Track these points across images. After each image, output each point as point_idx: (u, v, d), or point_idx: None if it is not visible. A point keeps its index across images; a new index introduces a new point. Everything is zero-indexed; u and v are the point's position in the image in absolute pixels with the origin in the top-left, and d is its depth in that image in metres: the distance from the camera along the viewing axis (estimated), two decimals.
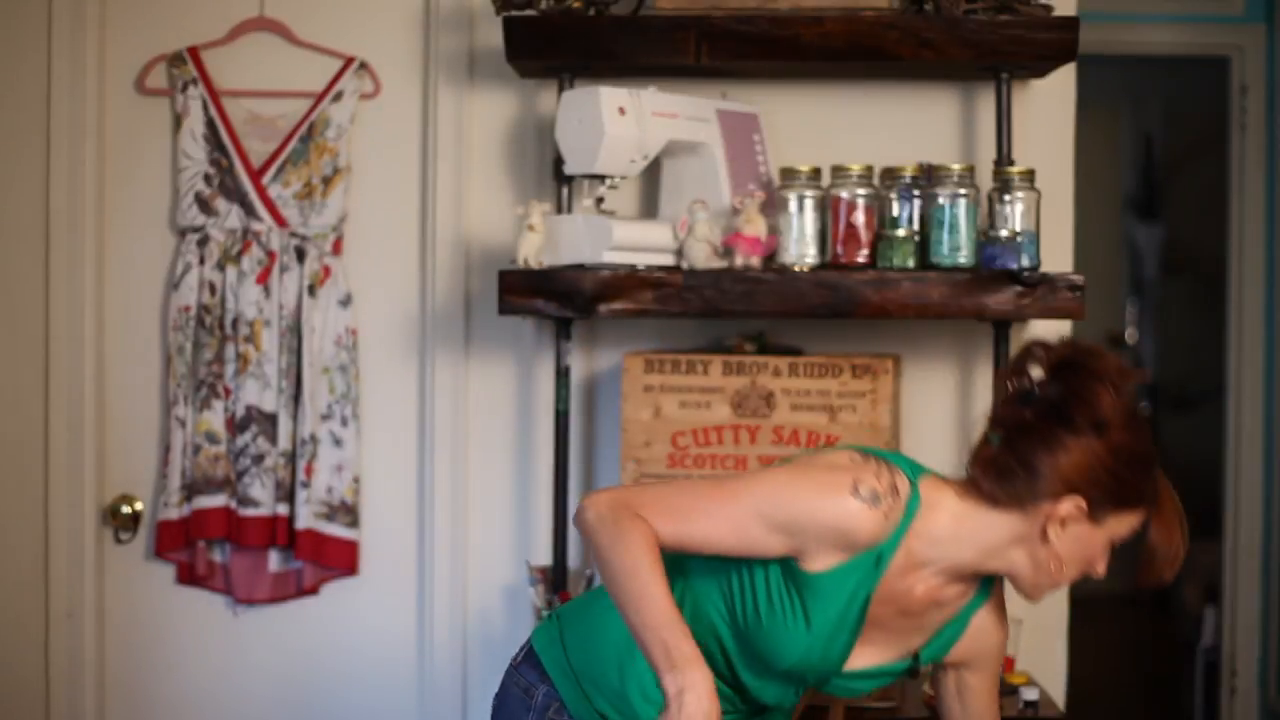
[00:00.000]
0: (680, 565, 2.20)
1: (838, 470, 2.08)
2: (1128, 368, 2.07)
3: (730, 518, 2.07)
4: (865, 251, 2.95)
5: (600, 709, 2.20)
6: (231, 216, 3.23)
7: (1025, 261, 2.88)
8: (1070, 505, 2.05)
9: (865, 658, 2.18)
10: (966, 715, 2.29)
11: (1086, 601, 4.04)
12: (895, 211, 2.94)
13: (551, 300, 2.90)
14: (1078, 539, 2.07)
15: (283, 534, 3.25)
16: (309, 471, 3.23)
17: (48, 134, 3.25)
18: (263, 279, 3.23)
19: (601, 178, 2.91)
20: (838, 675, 2.19)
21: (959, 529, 2.10)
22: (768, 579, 2.12)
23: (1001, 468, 2.07)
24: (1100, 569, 2.13)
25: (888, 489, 2.06)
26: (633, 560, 2.03)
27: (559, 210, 3.08)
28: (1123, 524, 2.09)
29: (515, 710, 2.27)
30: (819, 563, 2.08)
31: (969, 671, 2.26)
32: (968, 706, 2.28)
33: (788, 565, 2.10)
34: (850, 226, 2.94)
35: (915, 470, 2.13)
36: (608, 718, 2.20)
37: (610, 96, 2.83)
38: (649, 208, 3.21)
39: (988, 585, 2.22)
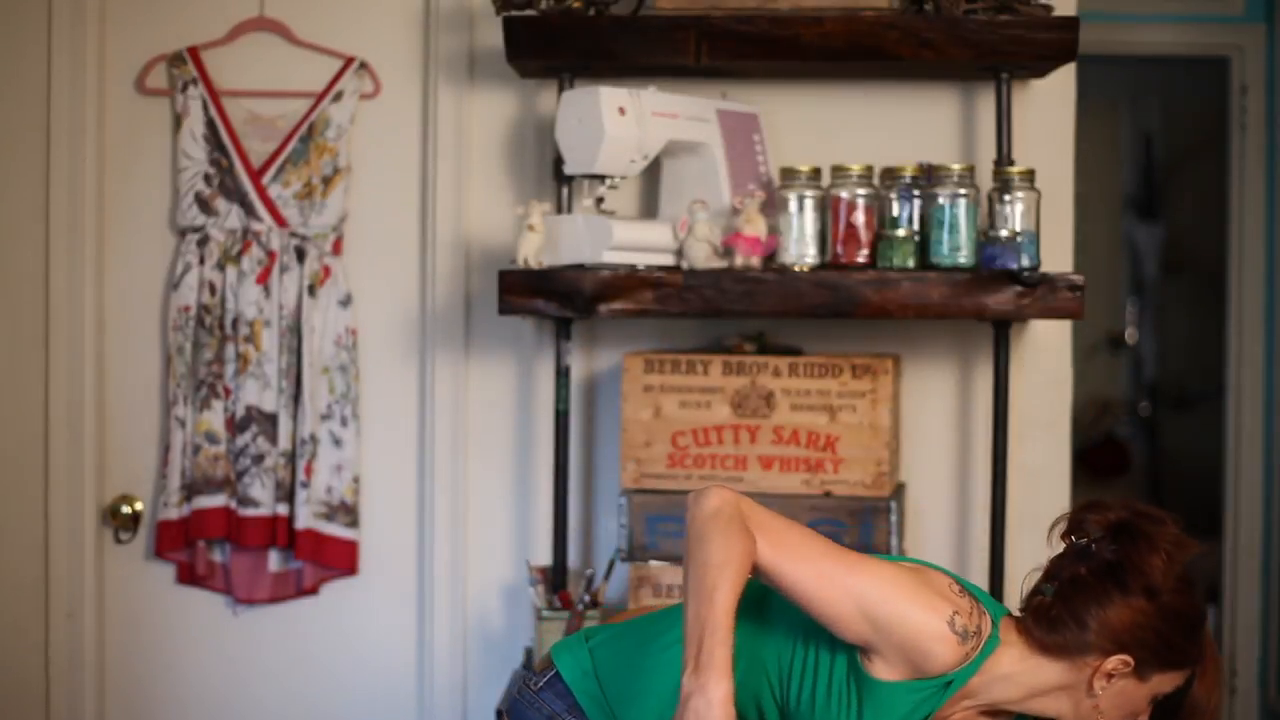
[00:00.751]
0: (757, 608, 2.19)
1: (943, 598, 2.10)
2: (1184, 538, 2.14)
3: (832, 579, 2.07)
4: (865, 251, 2.95)
5: None
6: (231, 216, 3.23)
7: (1025, 261, 2.88)
8: (1117, 662, 2.11)
9: None
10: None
11: None
12: (895, 211, 2.94)
13: (551, 300, 2.90)
14: (1122, 693, 2.13)
15: (283, 534, 3.25)
16: (309, 471, 3.23)
17: (48, 134, 3.25)
18: (263, 279, 3.23)
19: (601, 178, 2.91)
20: None
21: (1013, 672, 2.14)
22: (832, 669, 2.13)
23: (1053, 619, 2.12)
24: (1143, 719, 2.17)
25: (975, 628, 2.10)
26: (725, 558, 2.02)
27: (559, 210, 3.08)
28: (1167, 681, 2.14)
29: None
30: (885, 671, 2.10)
31: None
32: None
33: (854, 661, 2.11)
34: (850, 226, 2.94)
35: (998, 612, 2.18)
36: None
37: (610, 96, 2.83)
38: (649, 208, 3.21)
39: None
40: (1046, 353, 3.24)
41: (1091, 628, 2.09)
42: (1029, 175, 2.93)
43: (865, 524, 2.94)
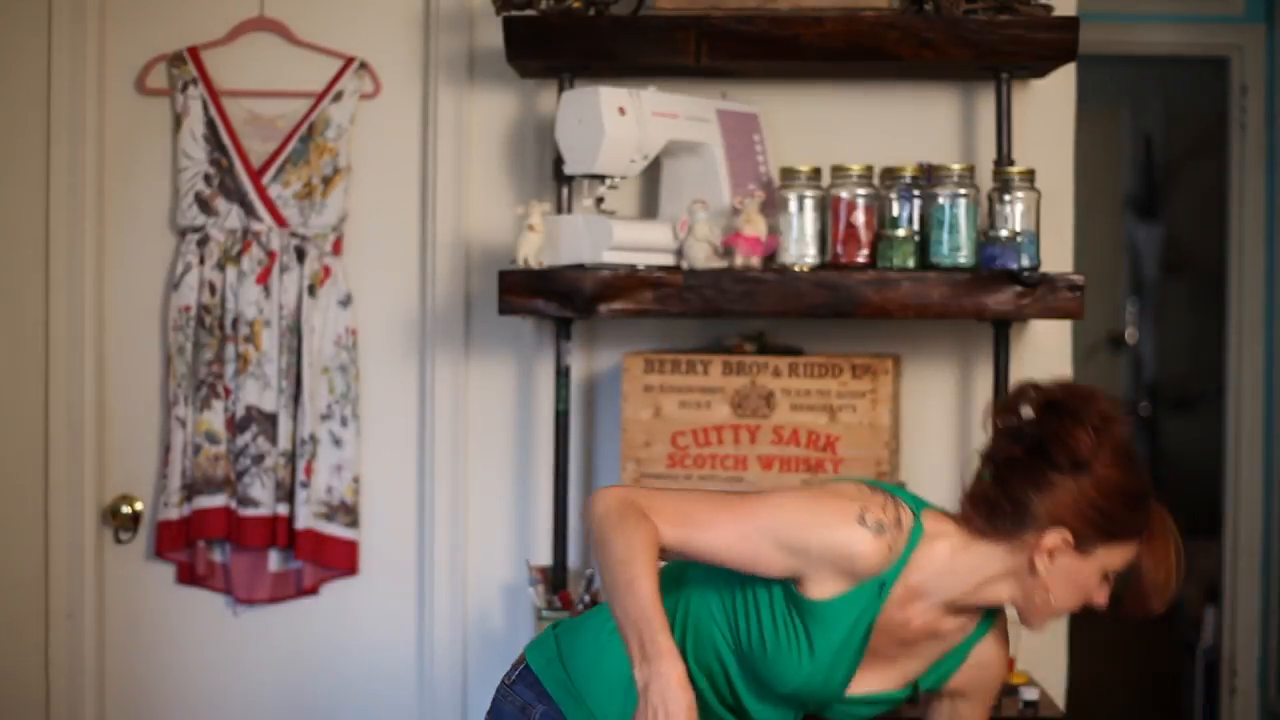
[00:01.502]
0: (681, 581, 2.21)
1: (846, 499, 2.11)
2: (1112, 412, 2.11)
3: (739, 531, 2.10)
4: (865, 251, 2.95)
5: None
6: (231, 216, 3.23)
7: (1025, 261, 2.88)
8: (1056, 538, 2.09)
9: (865, 684, 2.19)
10: None
11: None
12: (895, 211, 2.94)
13: (551, 300, 2.90)
14: (1068, 571, 2.11)
15: (283, 534, 3.25)
16: (309, 471, 3.23)
17: (48, 134, 3.25)
18: (263, 279, 3.23)
19: (601, 178, 2.91)
20: (839, 701, 2.19)
21: (955, 562, 2.13)
22: (772, 604, 2.14)
23: (991, 502, 2.12)
24: (1099, 599, 2.15)
25: (892, 521, 2.10)
26: (629, 552, 2.05)
27: (559, 210, 3.08)
28: (1114, 556, 2.12)
29: None
30: (821, 589, 2.11)
31: (963, 701, 2.27)
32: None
33: (789, 590, 2.12)
34: (850, 226, 2.94)
35: (918, 504, 2.17)
36: None
37: (610, 96, 2.83)
38: (649, 208, 3.21)
39: (990, 617, 2.23)
40: (1046, 353, 3.23)
41: (1027, 506, 2.08)
42: (1029, 175, 2.93)
43: None
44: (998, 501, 2.11)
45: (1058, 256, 3.13)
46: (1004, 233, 2.89)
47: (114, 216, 3.30)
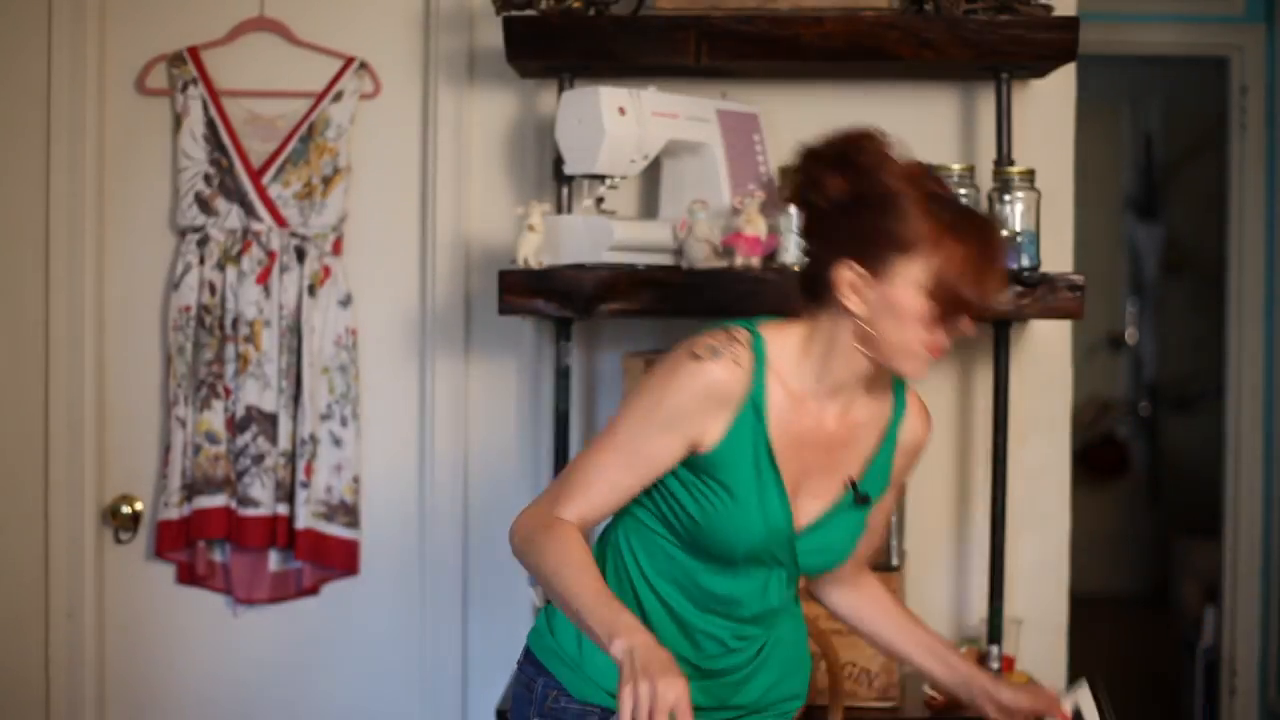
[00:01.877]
0: (611, 528, 2.27)
1: (673, 354, 2.16)
2: (838, 138, 2.13)
3: (620, 456, 2.14)
4: None
5: (609, 688, 2.20)
6: (231, 216, 3.23)
7: (1025, 261, 2.88)
8: (845, 271, 2.10)
9: (812, 508, 2.21)
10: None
11: (1086, 601, 4.04)
12: None
13: (551, 300, 2.90)
14: (883, 303, 2.11)
15: (283, 534, 3.25)
16: (309, 471, 3.23)
17: (48, 134, 3.25)
18: (263, 279, 3.23)
19: (601, 178, 2.91)
20: (799, 539, 2.20)
21: (809, 348, 2.18)
22: (681, 481, 2.17)
23: (804, 276, 2.19)
24: (938, 329, 2.12)
25: (725, 341, 2.14)
26: (554, 560, 2.09)
27: (559, 210, 3.08)
28: (912, 269, 2.09)
29: (520, 707, 2.30)
30: (710, 438, 2.14)
31: (891, 488, 2.32)
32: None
33: (688, 460, 2.16)
34: None
35: (751, 322, 2.20)
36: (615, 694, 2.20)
37: (610, 96, 2.83)
38: (649, 208, 3.21)
39: (901, 397, 2.28)
40: (1046, 353, 3.24)
41: (820, 259, 2.14)
42: (1029, 175, 2.93)
43: None
44: (805, 272, 2.18)
45: (1058, 256, 3.13)
46: (1004, 233, 2.89)
47: (114, 216, 3.30)
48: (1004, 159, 3.00)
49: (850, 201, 2.10)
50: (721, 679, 2.24)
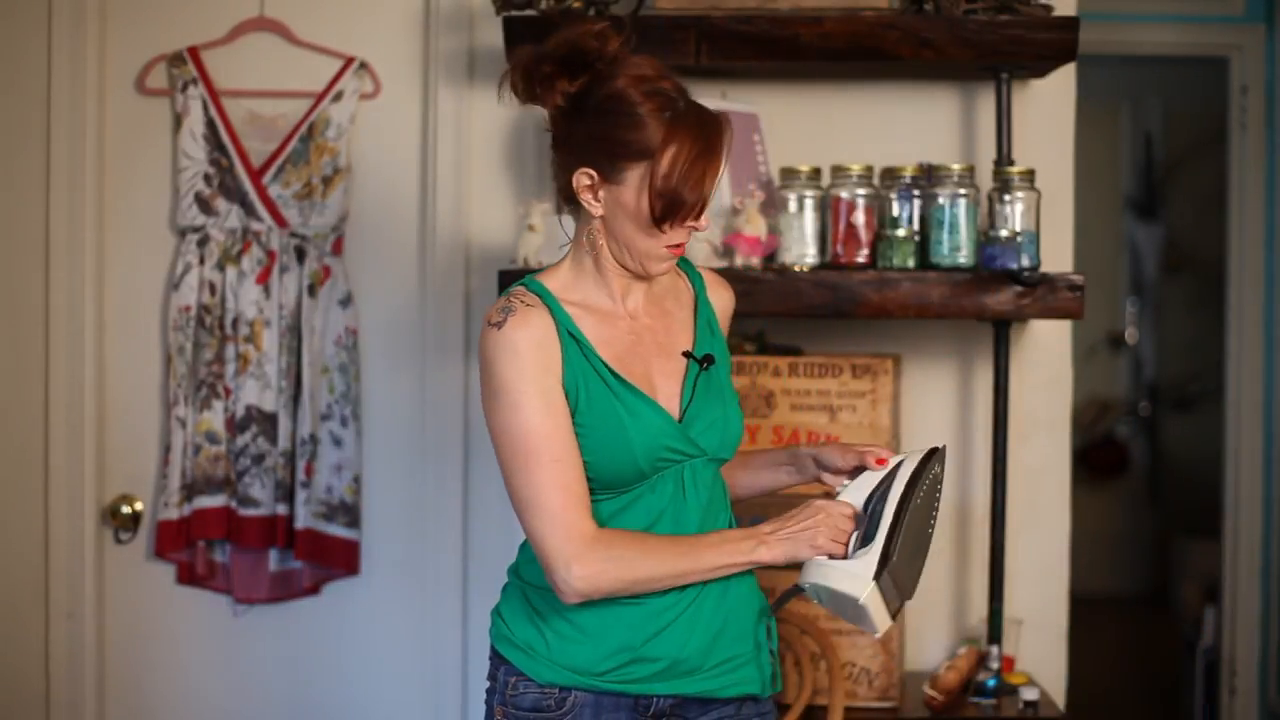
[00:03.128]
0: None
1: (481, 349, 2.18)
2: (566, 36, 2.17)
3: (550, 460, 2.14)
4: (865, 251, 2.95)
5: (570, 665, 2.21)
6: (231, 216, 3.23)
7: (1025, 261, 2.89)
8: (582, 176, 2.17)
9: (671, 392, 2.24)
10: None
11: (1086, 601, 4.05)
12: (895, 211, 2.94)
13: None
14: (616, 206, 2.17)
15: (282, 534, 3.25)
16: (309, 471, 3.23)
17: (48, 134, 3.25)
18: (263, 279, 3.23)
19: None
20: (686, 424, 2.22)
21: (581, 269, 2.24)
22: (582, 444, 2.18)
23: (556, 185, 2.25)
24: (670, 229, 2.16)
25: (505, 301, 2.19)
26: (654, 562, 2.15)
27: (559, 210, 3.07)
28: (637, 172, 2.14)
29: (489, 700, 2.31)
30: (561, 377, 2.17)
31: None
32: None
33: (572, 424, 2.18)
34: (850, 226, 2.95)
35: (522, 279, 2.27)
36: (575, 669, 2.22)
37: None
38: None
39: (692, 269, 2.36)
40: (1046, 353, 3.24)
41: (562, 169, 2.19)
42: (1029, 175, 2.93)
43: None
44: (557, 182, 2.24)
45: (1058, 256, 3.13)
46: (1004, 233, 2.89)
47: (114, 216, 3.30)
48: (1004, 159, 3.00)
49: (578, 106, 2.16)
50: (671, 629, 2.22)
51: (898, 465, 2.20)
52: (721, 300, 2.38)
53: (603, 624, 2.20)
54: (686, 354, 2.26)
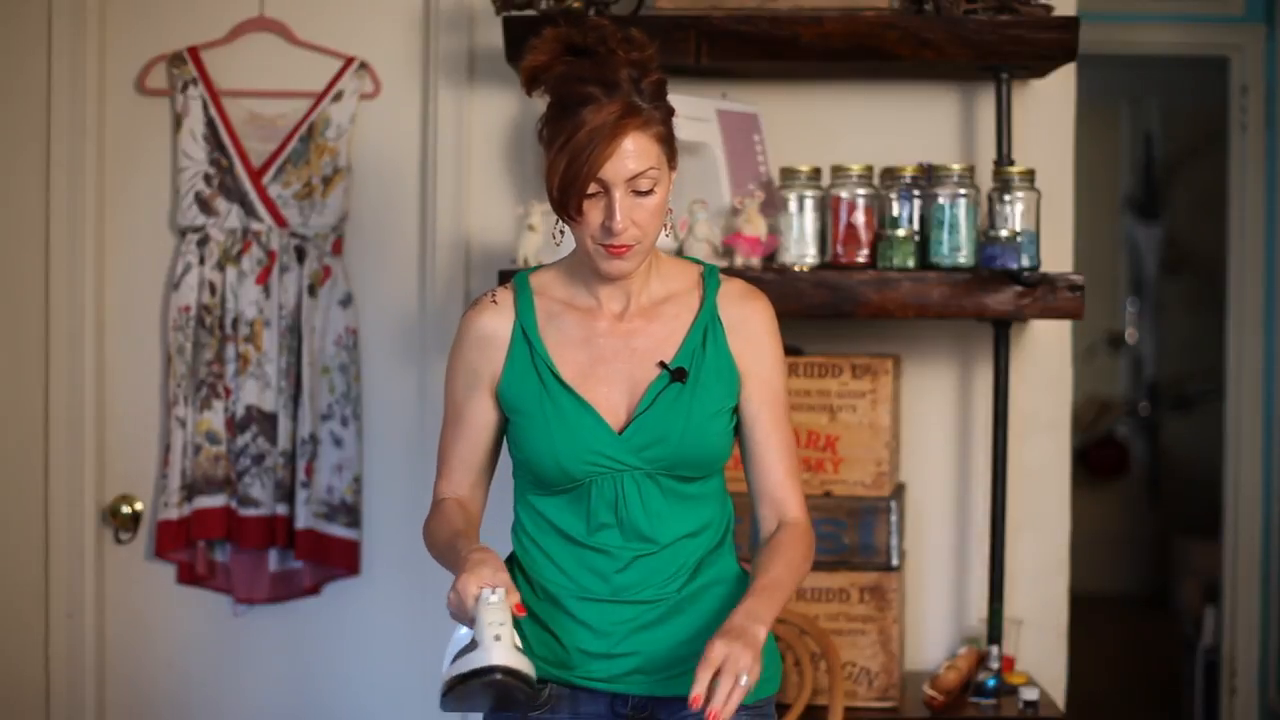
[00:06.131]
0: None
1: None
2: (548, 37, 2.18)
3: (454, 430, 2.26)
4: (865, 251, 2.95)
5: (542, 656, 2.21)
6: (231, 216, 3.23)
7: (1025, 261, 2.89)
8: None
9: (618, 401, 2.20)
10: (753, 446, 2.26)
11: (1086, 601, 4.05)
12: (895, 211, 2.94)
13: None
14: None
15: (283, 534, 3.25)
16: (309, 471, 3.23)
17: (48, 134, 3.25)
18: (263, 279, 3.23)
19: None
20: (629, 434, 2.18)
21: (572, 259, 2.27)
22: (509, 430, 2.24)
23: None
24: (580, 223, 2.15)
25: (489, 293, 2.28)
26: (430, 538, 2.24)
27: None
28: (558, 164, 2.13)
29: None
30: (497, 376, 2.24)
31: (750, 381, 2.25)
32: (752, 436, 2.26)
33: (500, 408, 2.24)
34: (850, 226, 2.95)
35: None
36: (549, 662, 2.22)
37: None
38: None
39: (712, 278, 2.27)
40: (1046, 353, 3.24)
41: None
42: (1029, 175, 2.93)
43: (865, 524, 2.94)
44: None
45: (1058, 256, 3.13)
46: (1004, 233, 2.89)
47: (114, 216, 3.30)
48: (1004, 159, 3.00)
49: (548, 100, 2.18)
50: (648, 629, 2.20)
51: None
52: (742, 312, 2.25)
53: (568, 622, 2.21)
54: (661, 364, 2.21)
